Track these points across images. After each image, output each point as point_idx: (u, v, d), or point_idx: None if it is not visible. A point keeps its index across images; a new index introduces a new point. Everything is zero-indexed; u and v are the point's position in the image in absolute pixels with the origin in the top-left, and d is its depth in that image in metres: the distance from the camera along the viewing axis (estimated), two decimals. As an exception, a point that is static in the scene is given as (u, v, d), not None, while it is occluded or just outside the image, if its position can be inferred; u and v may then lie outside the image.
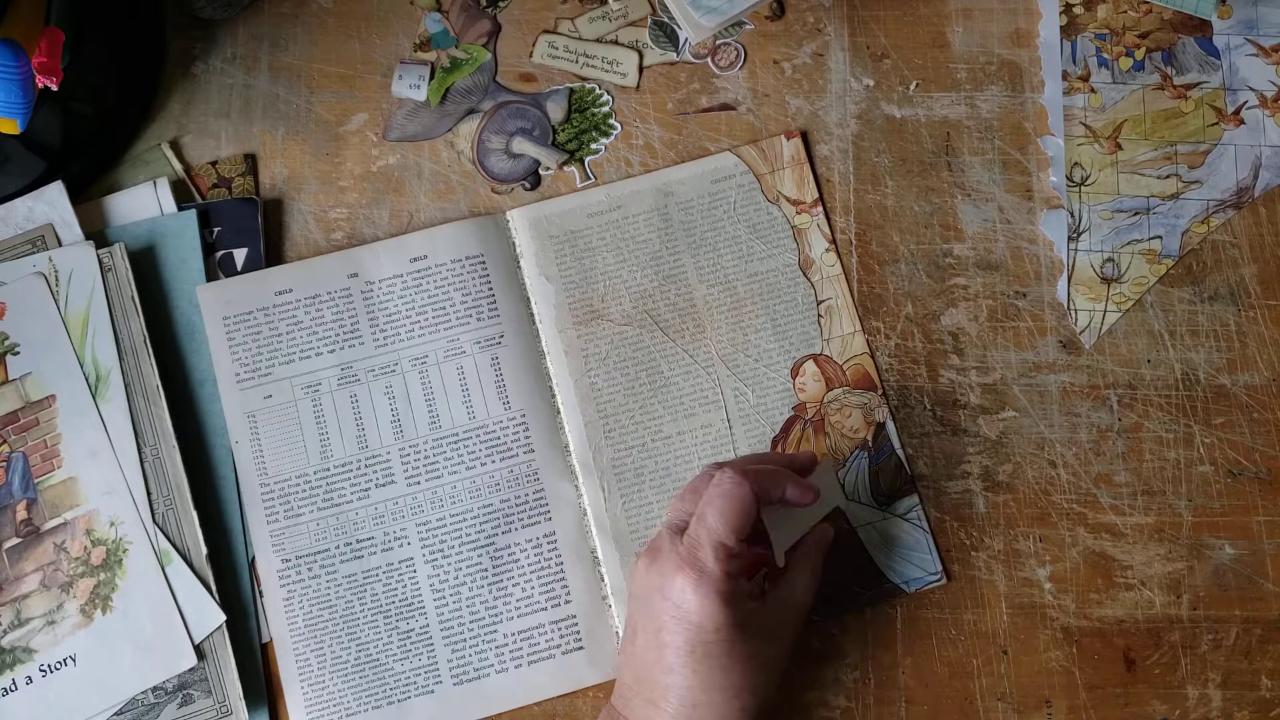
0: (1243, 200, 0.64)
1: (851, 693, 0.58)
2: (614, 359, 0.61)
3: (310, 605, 0.58)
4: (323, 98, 0.65)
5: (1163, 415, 0.62)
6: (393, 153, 0.64)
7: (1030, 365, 0.62)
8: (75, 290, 0.59)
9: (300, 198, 0.63)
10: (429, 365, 0.60)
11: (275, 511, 0.59)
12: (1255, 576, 0.60)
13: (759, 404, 0.61)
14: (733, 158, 0.64)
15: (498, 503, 0.59)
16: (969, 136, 0.65)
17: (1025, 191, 0.64)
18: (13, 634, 0.56)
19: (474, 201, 0.64)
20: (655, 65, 0.65)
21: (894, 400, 0.62)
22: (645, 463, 0.60)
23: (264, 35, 0.65)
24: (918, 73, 0.65)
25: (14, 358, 0.58)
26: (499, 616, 0.58)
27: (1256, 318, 0.63)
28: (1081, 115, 0.65)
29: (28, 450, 0.57)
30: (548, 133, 0.64)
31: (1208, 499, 0.61)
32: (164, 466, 0.57)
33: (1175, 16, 0.66)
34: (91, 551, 0.56)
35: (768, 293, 0.62)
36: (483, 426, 0.60)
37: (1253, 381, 0.62)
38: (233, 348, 0.60)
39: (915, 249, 0.63)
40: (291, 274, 0.61)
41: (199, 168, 0.63)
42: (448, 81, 0.65)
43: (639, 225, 0.63)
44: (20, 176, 0.61)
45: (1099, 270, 0.63)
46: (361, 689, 0.57)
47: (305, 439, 0.59)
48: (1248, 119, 0.65)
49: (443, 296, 0.61)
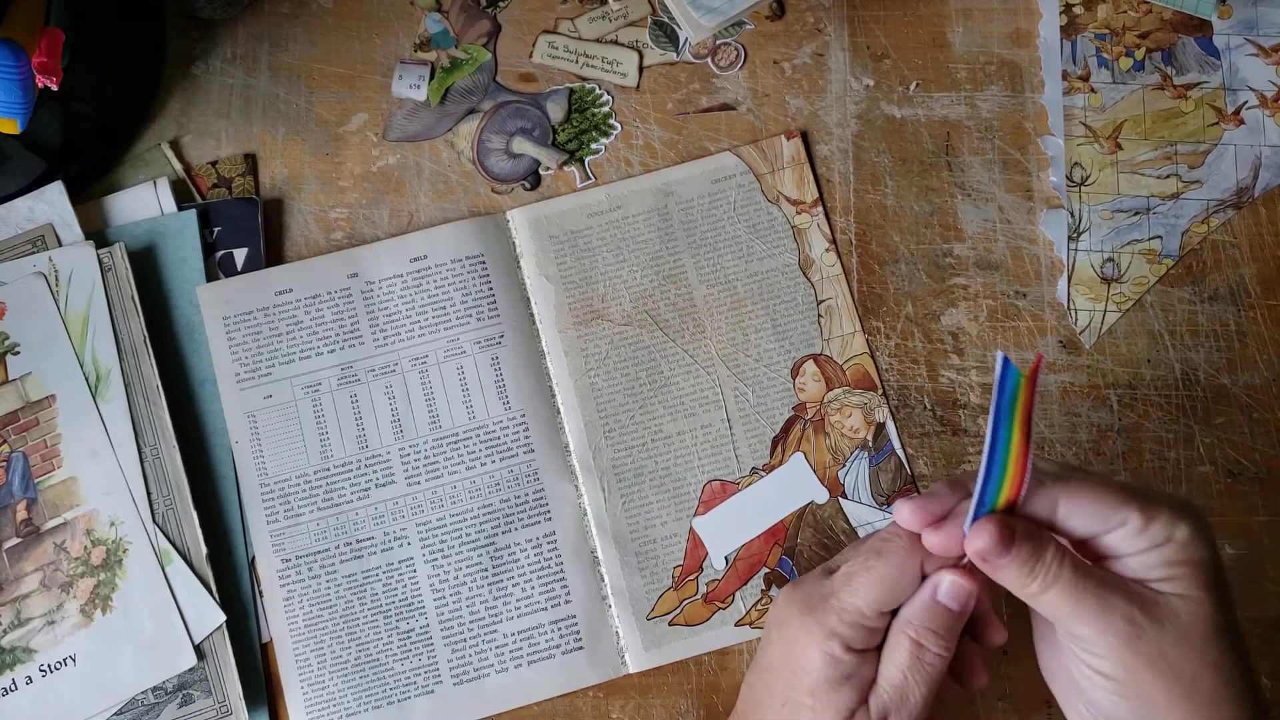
0: (1243, 200, 0.64)
1: (851, 693, 0.58)
2: (614, 359, 0.61)
3: (310, 605, 0.58)
4: (323, 97, 0.65)
5: (1163, 415, 0.62)
6: (393, 153, 0.64)
7: (1031, 365, 0.62)
8: (75, 290, 0.59)
9: (300, 197, 0.63)
10: (429, 365, 0.60)
11: (275, 511, 0.59)
12: (1255, 576, 0.60)
13: (759, 404, 0.61)
14: (733, 158, 0.64)
15: (498, 503, 0.59)
16: (969, 136, 0.65)
17: (1025, 191, 0.64)
18: (13, 634, 0.56)
19: (474, 201, 0.64)
20: (655, 65, 0.65)
21: (894, 400, 0.61)
22: (645, 463, 0.60)
23: (264, 35, 0.65)
24: (918, 73, 0.65)
25: (14, 358, 0.58)
26: (499, 616, 0.58)
27: (1256, 318, 0.63)
28: (1081, 115, 0.65)
29: (28, 450, 0.57)
30: (548, 133, 0.64)
31: (1208, 499, 0.61)
32: (164, 466, 0.57)
33: (1175, 16, 0.66)
34: (91, 551, 0.56)
35: (768, 293, 0.62)
36: (483, 426, 0.60)
37: (1253, 381, 0.62)
38: (233, 348, 0.60)
39: (915, 249, 0.63)
40: (291, 274, 0.61)
41: (199, 168, 0.63)
42: (448, 81, 0.65)
43: (639, 225, 0.63)
44: (20, 176, 0.61)
45: (1099, 270, 0.63)
46: (361, 689, 0.57)
47: (305, 439, 0.59)
48: (1248, 119, 0.65)
49: (443, 296, 0.61)
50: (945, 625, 0.43)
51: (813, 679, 0.43)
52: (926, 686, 0.43)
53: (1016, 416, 0.41)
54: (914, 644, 0.43)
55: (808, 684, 0.43)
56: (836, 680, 0.43)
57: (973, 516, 0.41)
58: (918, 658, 0.43)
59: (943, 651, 0.43)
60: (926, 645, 0.43)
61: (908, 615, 0.43)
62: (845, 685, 0.43)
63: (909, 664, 0.43)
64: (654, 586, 0.59)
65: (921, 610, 0.43)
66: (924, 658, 0.43)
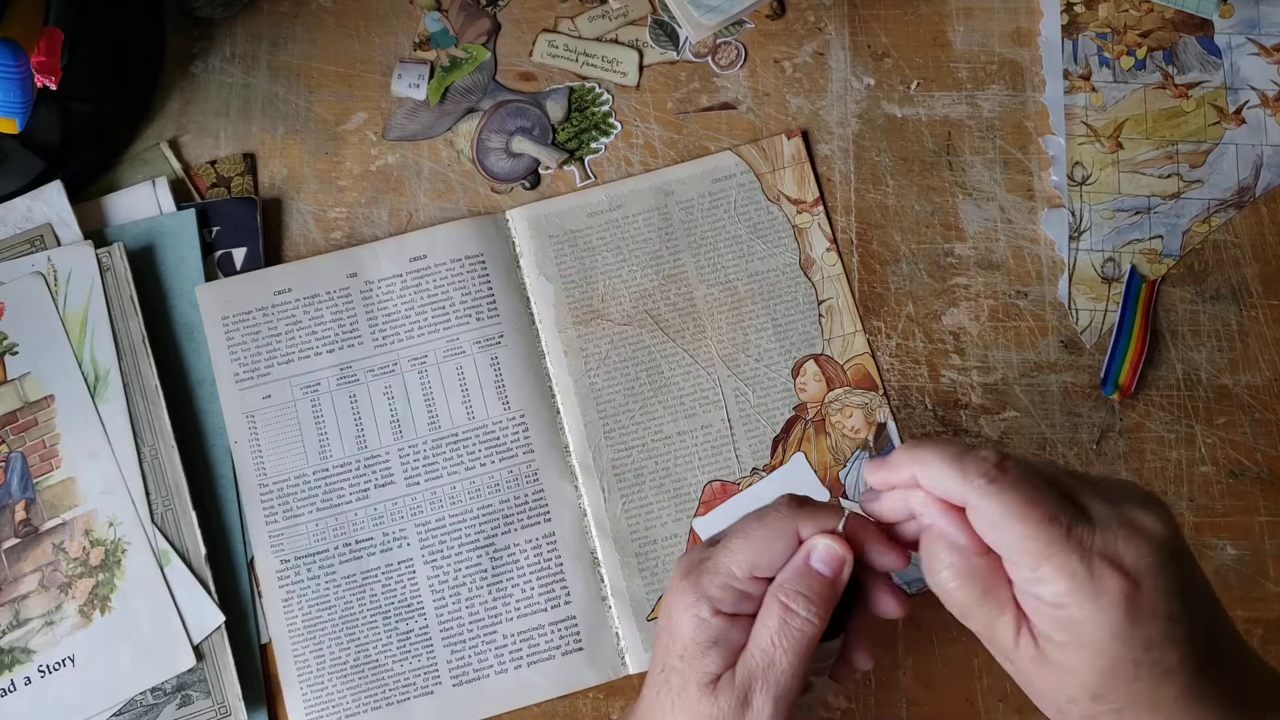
0: (1244, 200, 0.64)
1: (852, 693, 0.58)
2: (614, 359, 0.61)
3: (309, 606, 0.58)
4: (322, 97, 0.64)
5: (1164, 415, 0.61)
6: (392, 152, 0.64)
7: (1031, 365, 0.62)
8: (74, 290, 0.59)
9: (299, 197, 0.63)
10: (428, 365, 0.60)
11: (274, 512, 0.58)
12: (1257, 577, 0.60)
13: (760, 404, 0.61)
14: (733, 157, 0.63)
15: (497, 503, 0.59)
16: (970, 136, 0.64)
17: (1026, 191, 0.64)
18: (11, 635, 0.55)
19: (473, 201, 0.63)
20: (655, 64, 0.65)
21: (895, 400, 0.61)
22: (645, 463, 0.60)
23: (263, 34, 0.65)
24: (919, 72, 0.65)
25: (12, 358, 0.58)
26: (498, 617, 0.58)
27: (1258, 317, 0.63)
28: (1083, 114, 0.65)
29: (26, 450, 0.57)
30: (547, 132, 0.64)
31: (1209, 499, 0.61)
32: (163, 467, 0.57)
33: (1177, 15, 0.66)
34: (90, 552, 0.56)
35: (768, 292, 0.62)
36: (482, 427, 0.60)
37: (1254, 381, 0.62)
38: (231, 348, 0.60)
39: (916, 248, 0.63)
40: (290, 274, 0.61)
41: (198, 167, 0.63)
42: (447, 80, 0.65)
43: (639, 225, 0.63)
44: (19, 176, 0.60)
45: (1100, 270, 0.63)
46: (360, 690, 0.57)
47: (304, 439, 0.59)
48: (1249, 118, 0.65)
49: (442, 296, 0.61)
50: (816, 591, 0.42)
51: (683, 642, 0.42)
52: (794, 654, 0.42)
53: (1138, 308, 0.60)
54: (783, 608, 0.42)
55: (678, 647, 0.43)
56: (705, 643, 0.42)
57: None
58: (786, 621, 0.42)
59: (812, 618, 0.42)
60: (795, 609, 0.42)
61: (780, 580, 0.43)
62: (712, 649, 0.42)
63: (777, 628, 0.42)
64: (654, 587, 0.59)
65: (793, 574, 0.42)
66: (792, 622, 0.42)
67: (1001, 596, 0.39)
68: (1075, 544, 0.36)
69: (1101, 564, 0.36)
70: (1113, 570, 0.36)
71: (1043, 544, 0.36)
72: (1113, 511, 0.37)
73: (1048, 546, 0.36)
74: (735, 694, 0.41)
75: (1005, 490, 0.37)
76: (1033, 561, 0.37)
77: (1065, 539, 0.36)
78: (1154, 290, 0.62)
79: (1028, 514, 0.37)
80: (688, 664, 0.42)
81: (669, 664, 0.43)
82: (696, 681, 0.42)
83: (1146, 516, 0.37)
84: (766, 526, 0.43)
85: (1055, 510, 0.37)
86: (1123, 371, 0.61)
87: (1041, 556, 0.36)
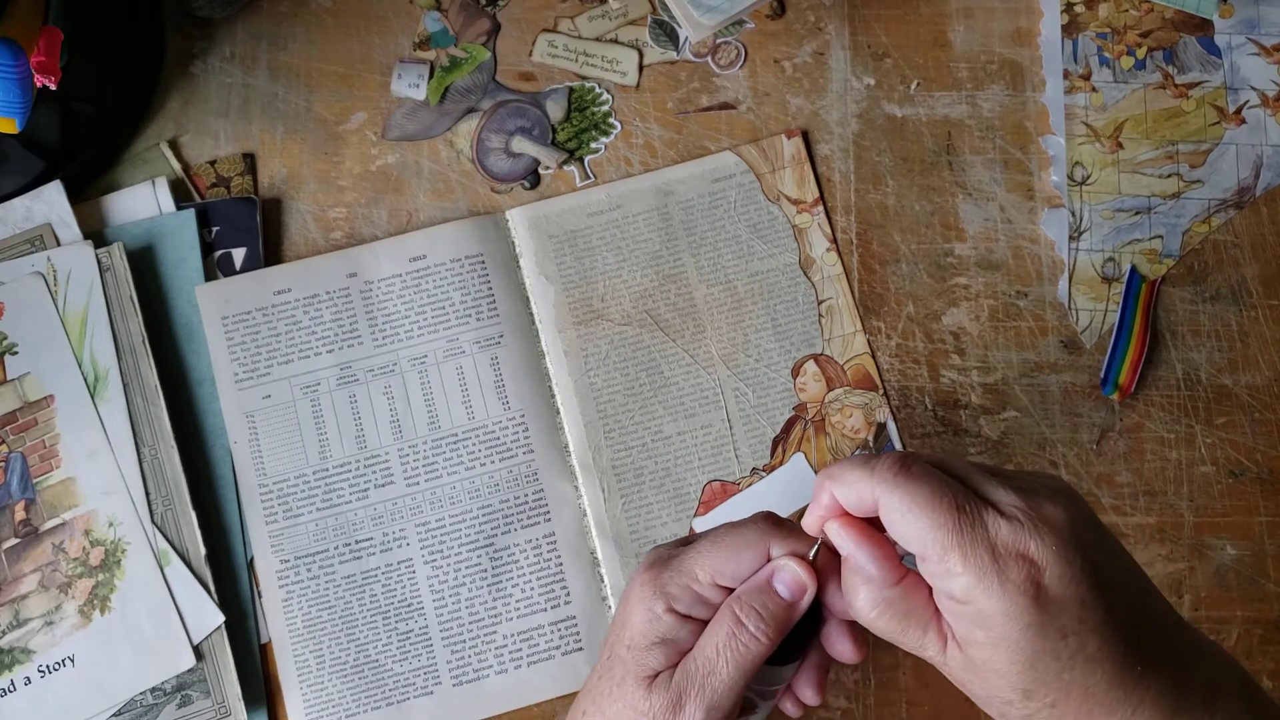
0: (1244, 200, 0.64)
1: (852, 693, 0.58)
2: (614, 359, 0.61)
3: (309, 606, 0.58)
4: (322, 97, 0.64)
5: (1164, 415, 0.61)
6: (392, 152, 0.64)
7: (1031, 365, 0.62)
8: (74, 290, 0.59)
9: (299, 197, 0.63)
10: (428, 365, 0.60)
11: (274, 512, 0.58)
12: (1257, 577, 0.60)
13: (759, 404, 0.61)
14: (733, 157, 0.63)
15: (497, 503, 0.59)
16: (970, 135, 0.64)
17: (1026, 191, 0.64)
18: (11, 635, 0.55)
19: (473, 201, 0.63)
20: (655, 64, 0.65)
21: (895, 400, 0.61)
22: (645, 463, 0.60)
23: (263, 34, 0.65)
24: (919, 72, 0.65)
25: (12, 358, 0.58)
26: (498, 617, 0.58)
27: (1258, 317, 0.63)
28: (1083, 114, 0.65)
29: (26, 450, 0.57)
30: (547, 132, 0.64)
31: (1209, 499, 0.61)
32: (163, 467, 0.57)
33: (1177, 15, 0.66)
34: (90, 552, 0.56)
35: (768, 292, 0.62)
36: (482, 427, 0.60)
37: (1254, 381, 0.62)
38: (231, 348, 0.60)
39: (916, 248, 0.63)
40: (290, 274, 0.61)
41: (198, 167, 0.63)
42: (447, 80, 0.65)
43: (639, 225, 0.63)
44: (19, 176, 0.60)
45: (1100, 270, 0.63)
46: (360, 690, 0.57)
47: (304, 439, 0.59)
48: (1249, 118, 0.65)
49: (442, 296, 0.61)
50: (771, 611, 0.42)
51: (631, 633, 0.42)
52: (736, 668, 0.41)
53: (1138, 308, 0.60)
54: (735, 620, 0.42)
55: (627, 637, 0.43)
56: (652, 638, 0.42)
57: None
58: (734, 634, 0.42)
59: (760, 636, 0.42)
60: (746, 624, 0.42)
61: (739, 592, 0.43)
62: (658, 646, 0.42)
63: (725, 639, 0.42)
64: (654, 587, 0.59)
65: (752, 589, 0.42)
66: (740, 636, 0.42)
67: (923, 617, 0.39)
68: (980, 534, 0.37)
69: (1006, 553, 0.36)
70: (1017, 560, 0.36)
71: (948, 532, 0.37)
72: (1019, 501, 0.38)
73: (953, 534, 0.37)
74: (670, 694, 0.41)
75: (911, 481, 0.38)
76: (940, 552, 0.37)
77: (971, 528, 0.37)
78: (1154, 290, 0.62)
79: (935, 503, 0.37)
80: (632, 655, 0.42)
81: (615, 652, 0.43)
82: (636, 674, 0.42)
83: (1051, 505, 0.37)
84: (739, 536, 0.43)
85: (961, 500, 0.37)
86: (1123, 371, 0.61)
87: (948, 545, 0.37)
